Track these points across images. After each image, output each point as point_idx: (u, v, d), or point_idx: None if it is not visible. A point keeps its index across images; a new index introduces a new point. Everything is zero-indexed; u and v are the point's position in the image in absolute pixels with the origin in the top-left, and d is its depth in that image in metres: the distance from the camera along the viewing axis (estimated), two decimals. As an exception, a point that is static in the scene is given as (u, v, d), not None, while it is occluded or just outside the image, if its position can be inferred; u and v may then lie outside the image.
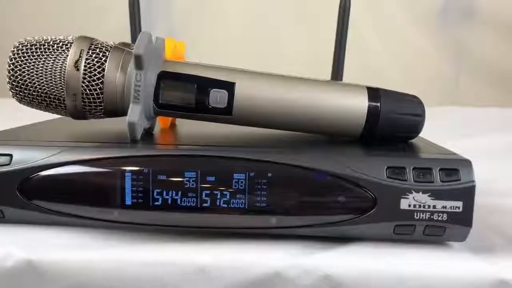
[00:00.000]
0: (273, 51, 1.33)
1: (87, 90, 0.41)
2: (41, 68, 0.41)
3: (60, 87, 0.41)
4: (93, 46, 0.42)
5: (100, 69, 0.41)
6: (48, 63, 0.41)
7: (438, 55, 1.42)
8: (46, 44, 0.42)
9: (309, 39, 1.33)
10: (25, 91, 0.42)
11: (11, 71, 0.42)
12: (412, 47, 1.40)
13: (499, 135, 0.88)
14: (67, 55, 0.41)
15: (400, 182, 0.37)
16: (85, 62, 0.41)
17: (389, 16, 1.39)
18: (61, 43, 0.42)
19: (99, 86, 0.41)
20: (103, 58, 0.42)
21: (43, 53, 0.41)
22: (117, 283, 0.37)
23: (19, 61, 0.41)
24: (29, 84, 0.42)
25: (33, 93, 0.42)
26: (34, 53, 0.41)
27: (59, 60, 0.41)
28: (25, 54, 0.41)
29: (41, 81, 0.41)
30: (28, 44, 0.42)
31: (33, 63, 0.41)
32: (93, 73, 0.41)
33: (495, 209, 0.48)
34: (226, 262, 0.37)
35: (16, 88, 0.42)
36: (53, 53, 0.41)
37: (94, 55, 0.41)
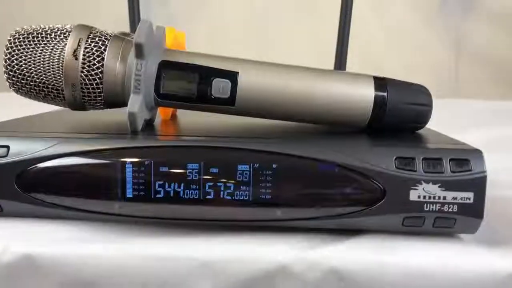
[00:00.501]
0: (274, 43, 1.32)
1: (86, 80, 0.40)
2: (38, 57, 0.40)
3: (59, 77, 0.40)
4: (92, 35, 0.41)
5: (100, 58, 0.40)
6: (46, 52, 0.40)
7: (438, 47, 1.41)
8: (43, 32, 0.41)
9: (311, 32, 1.32)
10: (22, 81, 0.41)
11: (7, 60, 0.40)
12: (412, 40, 1.39)
13: (501, 128, 0.87)
14: (65, 44, 0.40)
15: (410, 173, 0.36)
16: (84, 51, 0.40)
17: (389, 9, 1.38)
18: (59, 32, 0.41)
19: (98, 76, 0.40)
20: (103, 47, 0.40)
21: (41, 41, 0.40)
22: (117, 278, 0.36)
23: (16, 50, 0.40)
24: (26, 74, 0.40)
25: (31, 83, 0.41)
26: (31, 42, 0.40)
27: (57, 49, 0.40)
28: (22, 43, 0.40)
29: (39, 70, 0.40)
30: (25, 33, 0.41)
31: (30, 52, 0.40)
32: (92, 62, 0.40)
33: (502, 200, 0.47)
34: (229, 256, 0.36)
35: (13, 78, 0.41)
36: (50, 41, 0.40)
37: (93, 44, 0.40)
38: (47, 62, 0.40)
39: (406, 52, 1.39)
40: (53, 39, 0.40)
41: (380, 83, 0.42)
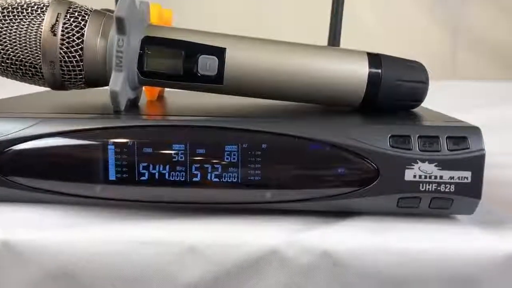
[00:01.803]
0: (267, 21, 1.29)
1: (66, 57, 0.38)
2: (14, 34, 0.38)
3: (36, 54, 0.38)
4: (71, 9, 0.39)
5: (79, 34, 0.38)
6: (22, 28, 0.38)
7: (435, 29, 1.40)
8: (19, 7, 0.39)
9: (305, 13, 1.30)
10: (-3, 58, 0.39)
11: (-20, 37, 0.38)
12: (408, 22, 1.38)
13: (498, 109, 0.86)
14: (43, 19, 0.38)
15: (405, 152, 0.34)
16: (62, 27, 0.38)
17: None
18: (36, 6, 0.39)
19: (78, 53, 0.38)
20: (82, 23, 0.38)
21: (16, 17, 0.38)
22: (100, 264, 0.34)
23: (-11, 26, 0.38)
24: (1, 51, 0.38)
25: (7, 61, 0.39)
26: (6, 17, 0.38)
27: (34, 24, 0.38)
28: (-4, 18, 0.38)
29: (15, 47, 0.38)
30: (0, 8, 0.39)
31: (5, 28, 0.38)
32: (71, 39, 0.38)
33: (499, 182, 0.46)
34: (218, 240, 0.35)
35: (-12, 56, 0.39)
36: (27, 17, 0.38)
37: (72, 19, 0.38)
38: (23, 38, 0.38)
39: (402, 35, 1.38)
40: (30, 14, 0.38)
41: (374, 59, 0.41)
